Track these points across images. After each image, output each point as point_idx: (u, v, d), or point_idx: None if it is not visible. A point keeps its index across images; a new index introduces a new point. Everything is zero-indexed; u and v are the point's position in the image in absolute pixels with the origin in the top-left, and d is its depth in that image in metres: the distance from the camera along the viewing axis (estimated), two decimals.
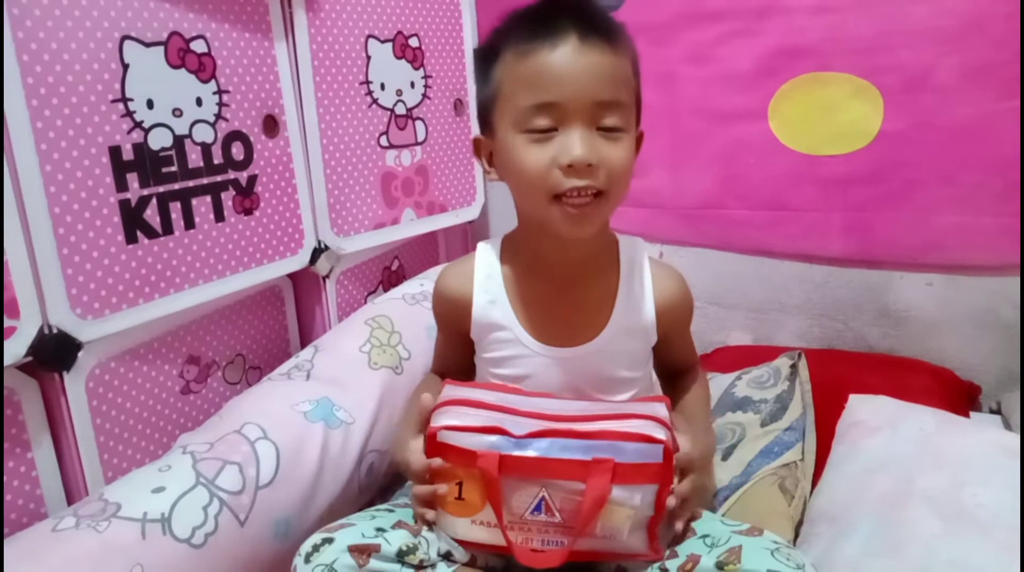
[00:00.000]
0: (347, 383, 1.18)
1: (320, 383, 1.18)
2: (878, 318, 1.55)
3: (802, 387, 1.29)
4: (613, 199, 0.86)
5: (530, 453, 0.82)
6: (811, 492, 1.09)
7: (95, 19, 1.02)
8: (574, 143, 0.81)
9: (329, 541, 0.80)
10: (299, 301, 1.47)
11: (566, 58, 0.82)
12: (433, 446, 0.85)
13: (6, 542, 0.87)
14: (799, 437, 1.16)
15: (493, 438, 0.83)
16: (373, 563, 0.80)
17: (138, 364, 1.13)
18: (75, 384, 1.03)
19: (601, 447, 0.81)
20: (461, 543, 0.86)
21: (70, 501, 1.04)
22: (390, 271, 1.64)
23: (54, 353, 1.00)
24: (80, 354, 1.03)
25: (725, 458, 1.15)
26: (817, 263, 1.58)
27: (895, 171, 1.46)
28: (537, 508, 0.83)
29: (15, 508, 0.99)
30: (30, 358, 0.97)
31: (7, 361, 0.94)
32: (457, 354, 1.04)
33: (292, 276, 1.42)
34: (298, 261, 1.37)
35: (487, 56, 0.89)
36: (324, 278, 1.44)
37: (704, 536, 0.84)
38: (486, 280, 0.97)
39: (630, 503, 0.81)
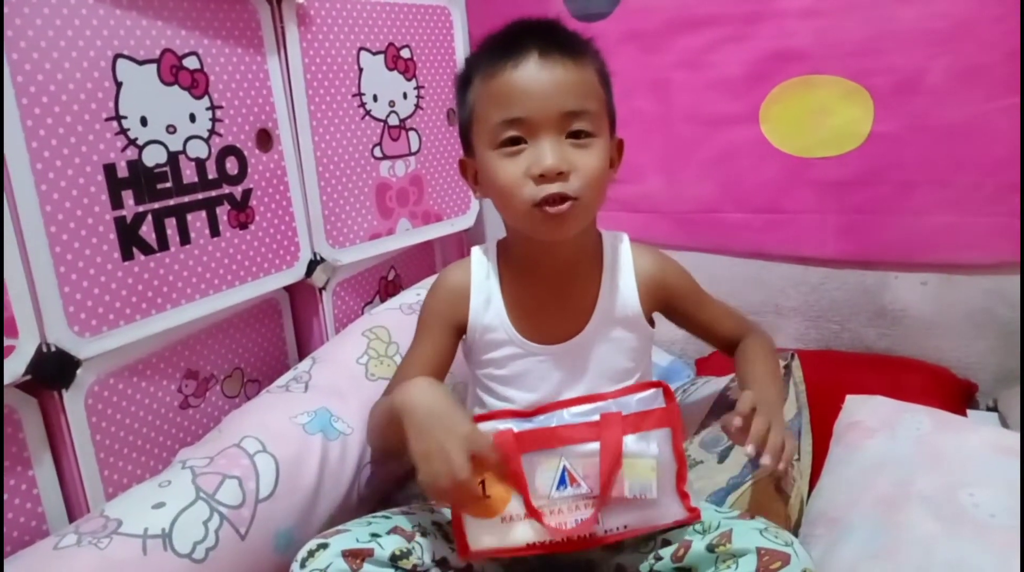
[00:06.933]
0: (345, 394, 1.18)
1: (318, 395, 1.18)
2: (874, 319, 1.55)
3: (796, 387, 1.29)
4: (589, 203, 0.89)
5: (542, 425, 0.87)
6: (808, 493, 1.09)
7: (88, 38, 1.03)
8: (544, 153, 0.85)
9: (324, 546, 0.82)
10: (296, 313, 1.48)
11: (528, 74, 0.86)
12: None
13: (8, 561, 0.87)
14: (794, 437, 1.17)
15: (505, 422, 0.88)
16: (367, 567, 0.81)
17: (137, 380, 1.14)
18: (74, 401, 1.03)
19: (607, 407, 0.87)
20: (494, 556, 0.88)
21: (71, 518, 1.04)
22: (387, 281, 1.64)
23: (53, 371, 1.00)
24: (79, 371, 1.03)
25: (721, 460, 1.15)
26: (812, 265, 1.59)
27: (888, 172, 1.47)
28: (562, 482, 0.84)
29: (17, 526, 0.99)
30: (29, 376, 0.98)
31: (6, 380, 0.94)
32: (434, 362, 1.01)
33: (289, 289, 1.42)
34: (294, 274, 1.38)
35: (462, 84, 0.95)
36: (321, 290, 1.44)
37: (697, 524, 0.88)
38: (484, 280, 1.01)
39: (649, 452, 0.84)
